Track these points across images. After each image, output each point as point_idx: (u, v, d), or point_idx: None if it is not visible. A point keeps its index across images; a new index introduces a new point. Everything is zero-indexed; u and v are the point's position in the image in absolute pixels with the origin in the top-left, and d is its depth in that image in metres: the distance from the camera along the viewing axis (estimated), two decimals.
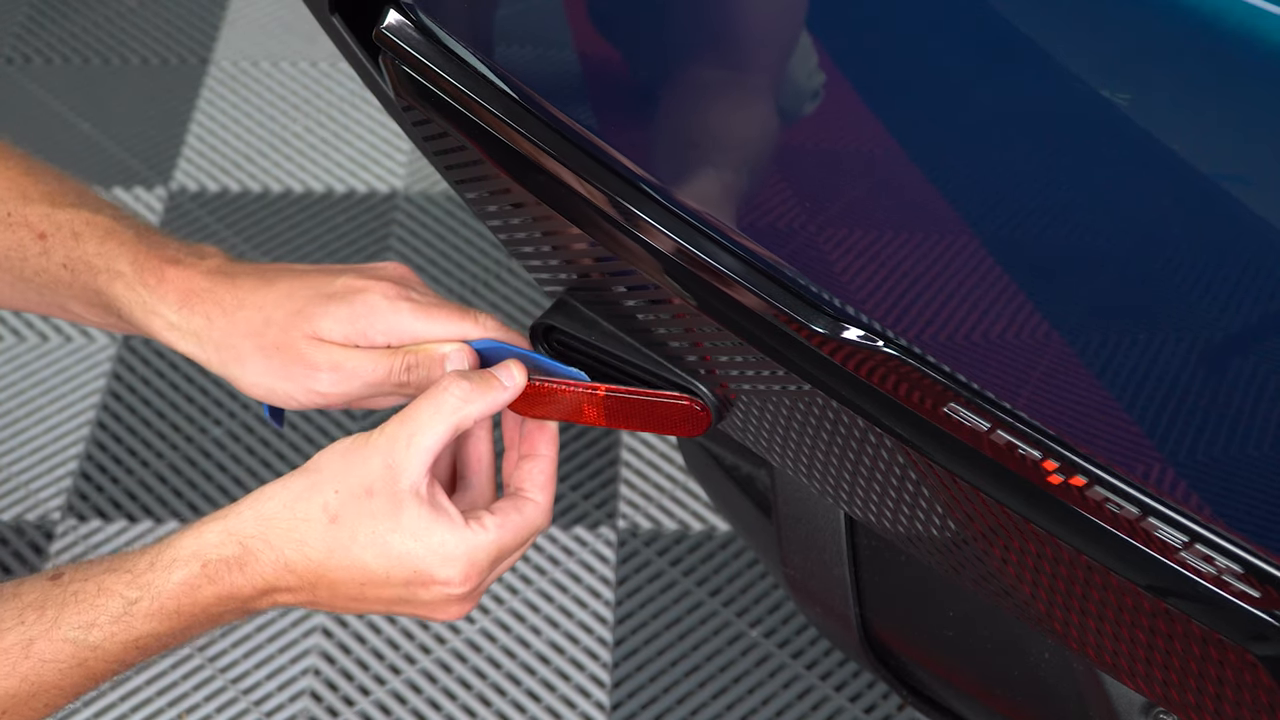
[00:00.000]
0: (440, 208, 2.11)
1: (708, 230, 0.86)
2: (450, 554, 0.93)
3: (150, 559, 0.93)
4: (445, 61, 0.92)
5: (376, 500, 0.92)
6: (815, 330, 0.84)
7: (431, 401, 0.93)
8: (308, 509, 0.92)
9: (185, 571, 0.93)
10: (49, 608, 0.93)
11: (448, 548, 0.93)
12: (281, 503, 0.93)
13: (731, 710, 1.59)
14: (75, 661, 0.93)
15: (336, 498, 0.92)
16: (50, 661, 0.92)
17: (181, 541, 0.93)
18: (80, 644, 0.92)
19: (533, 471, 0.98)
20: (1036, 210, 0.76)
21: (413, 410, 0.93)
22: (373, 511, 0.92)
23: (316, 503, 0.92)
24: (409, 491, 0.92)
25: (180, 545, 0.93)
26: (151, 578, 0.93)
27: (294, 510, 0.92)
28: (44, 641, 0.92)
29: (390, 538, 0.92)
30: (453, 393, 0.93)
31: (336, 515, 0.92)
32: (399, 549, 0.92)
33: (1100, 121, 0.72)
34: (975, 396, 0.80)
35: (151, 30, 2.38)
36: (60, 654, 0.92)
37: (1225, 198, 0.71)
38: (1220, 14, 0.69)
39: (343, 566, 0.93)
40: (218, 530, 0.93)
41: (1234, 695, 0.82)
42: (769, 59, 0.83)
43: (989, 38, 0.75)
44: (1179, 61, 0.71)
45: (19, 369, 1.92)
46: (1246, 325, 0.72)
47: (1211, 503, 0.76)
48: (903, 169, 0.79)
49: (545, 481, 0.98)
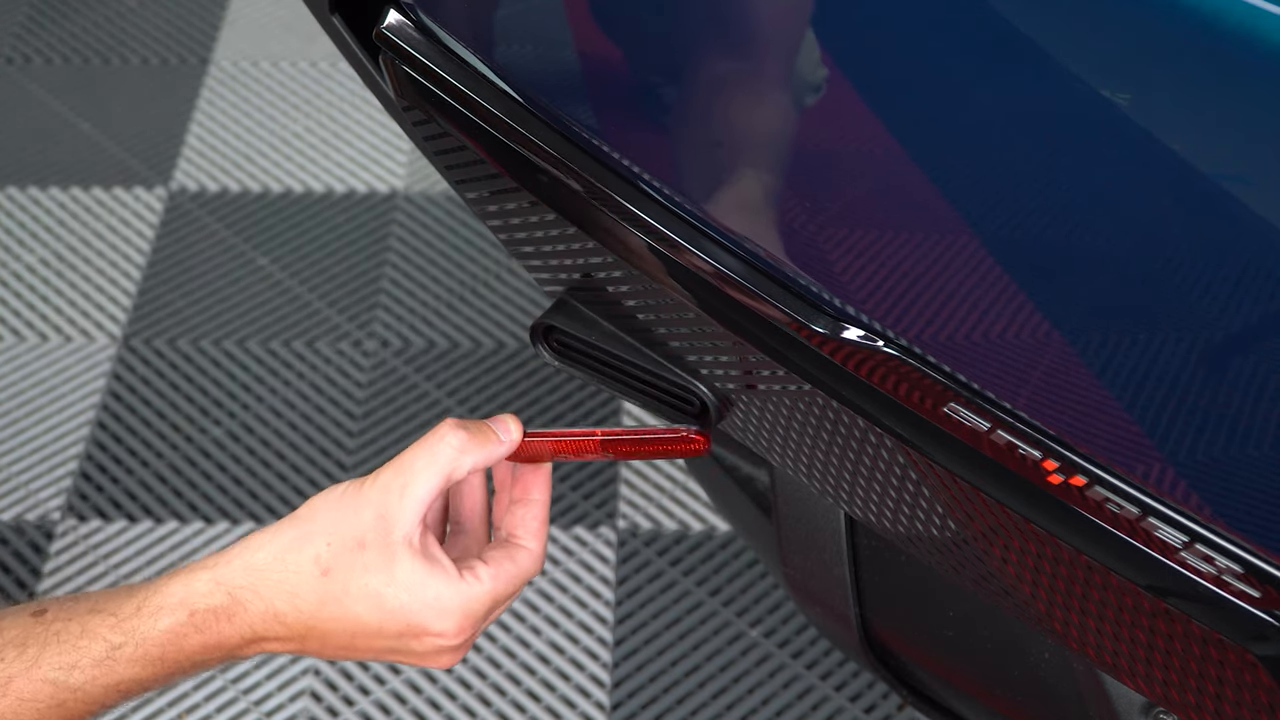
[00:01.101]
0: (440, 208, 2.11)
1: (708, 230, 0.86)
2: (445, 607, 0.91)
3: (137, 603, 0.92)
4: (445, 61, 0.92)
5: (369, 553, 0.90)
6: (815, 330, 0.84)
7: (427, 451, 0.92)
8: (299, 560, 0.91)
9: (172, 619, 0.91)
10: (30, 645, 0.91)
11: (442, 601, 0.91)
12: (271, 553, 0.91)
13: (731, 710, 1.59)
14: (54, 702, 0.92)
15: (329, 550, 0.91)
16: (29, 701, 0.91)
17: (169, 588, 0.92)
18: (60, 685, 0.91)
19: (525, 517, 0.97)
20: (1037, 210, 0.76)
21: (407, 459, 0.92)
22: (365, 564, 0.90)
23: (308, 554, 0.91)
24: (402, 543, 0.91)
25: (168, 592, 0.91)
26: (137, 623, 0.91)
27: (285, 561, 0.91)
28: (23, 680, 0.91)
29: (384, 591, 0.91)
30: (449, 443, 0.92)
31: (328, 568, 0.91)
32: (392, 603, 0.91)
33: (1100, 121, 0.72)
34: (975, 396, 0.81)
35: (151, 30, 2.38)
36: (39, 694, 0.91)
37: (1225, 198, 0.71)
38: (1220, 14, 0.69)
39: (334, 618, 0.92)
40: (206, 579, 0.91)
41: (1234, 695, 0.82)
42: (770, 59, 0.83)
43: (988, 37, 0.75)
44: (1179, 61, 0.71)
45: (19, 369, 1.92)
46: (1246, 325, 0.72)
47: (1211, 503, 0.76)
48: (903, 169, 0.79)
49: (538, 528, 0.97)
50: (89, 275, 2.03)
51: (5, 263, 2.05)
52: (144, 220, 2.10)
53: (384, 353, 1.93)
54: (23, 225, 2.10)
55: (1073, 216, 0.75)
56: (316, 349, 1.94)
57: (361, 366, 1.91)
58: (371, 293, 2.00)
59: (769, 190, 0.85)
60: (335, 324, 1.96)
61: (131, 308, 1.98)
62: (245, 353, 1.93)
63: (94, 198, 2.13)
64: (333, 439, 1.83)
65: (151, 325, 1.96)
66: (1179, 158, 0.71)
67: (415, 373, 1.90)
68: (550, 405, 1.86)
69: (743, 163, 0.85)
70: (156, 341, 1.94)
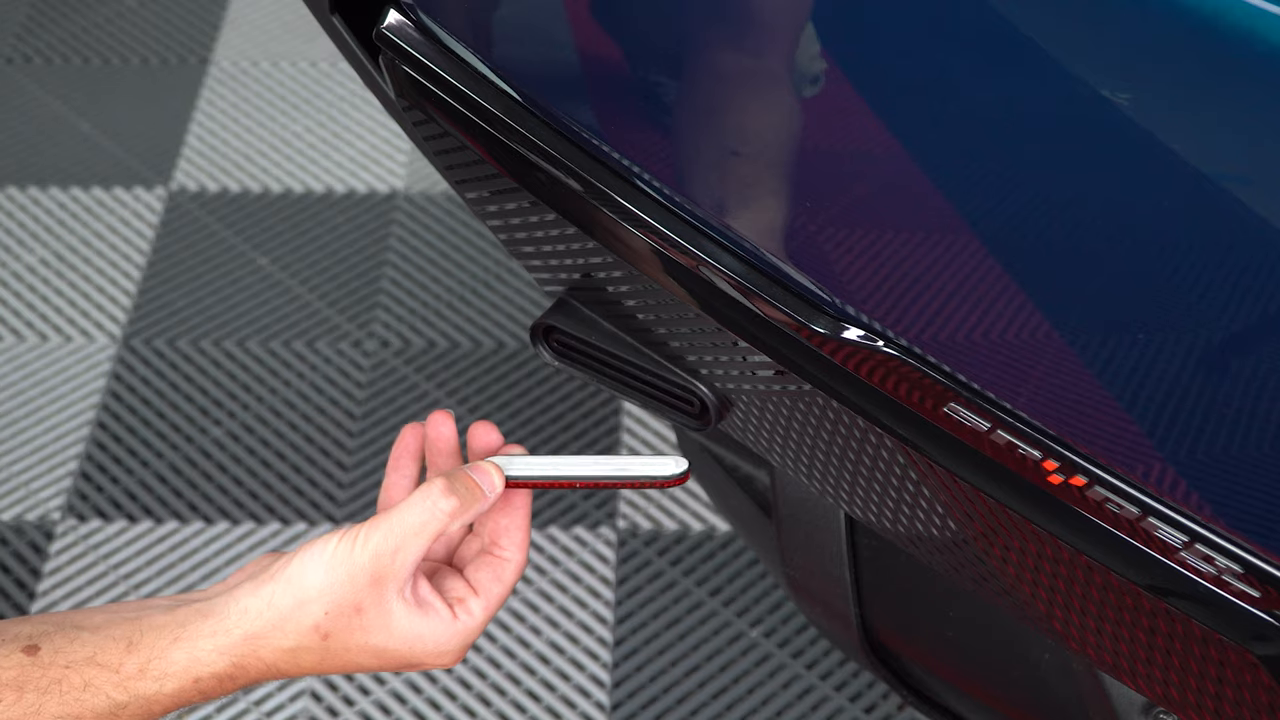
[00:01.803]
0: (440, 208, 2.11)
1: (708, 230, 0.86)
2: (442, 647, 0.96)
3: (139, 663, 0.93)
4: (445, 61, 0.92)
5: (367, 616, 0.93)
6: (815, 330, 0.84)
7: (419, 518, 0.94)
8: (298, 628, 0.94)
9: (177, 684, 0.93)
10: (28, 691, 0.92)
11: (439, 642, 0.95)
12: (270, 621, 0.93)
13: (731, 710, 1.59)
14: None
15: (327, 618, 0.93)
16: None
17: (172, 655, 0.93)
18: None
19: (509, 527, 0.99)
20: (1037, 210, 0.76)
21: (398, 524, 0.94)
22: (364, 626, 0.94)
23: (307, 623, 0.93)
24: (396, 599, 0.94)
25: (172, 659, 0.93)
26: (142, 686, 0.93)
27: (284, 630, 0.93)
28: None
29: (386, 645, 0.94)
30: (440, 507, 0.94)
31: (328, 633, 0.94)
32: (392, 651, 0.95)
33: (1100, 121, 0.72)
34: (975, 396, 0.80)
35: (151, 30, 2.38)
36: None
37: (1225, 198, 0.71)
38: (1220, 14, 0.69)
39: (336, 668, 0.96)
40: (209, 649, 0.93)
41: (1234, 695, 0.82)
42: (769, 59, 0.83)
43: (988, 37, 0.75)
44: (1179, 61, 0.71)
45: (19, 369, 1.92)
46: (1246, 325, 0.72)
47: (1211, 503, 0.76)
48: (903, 168, 0.79)
49: (522, 538, 0.99)
50: (89, 275, 2.03)
51: (5, 263, 2.05)
52: (144, 220, 2.10)
53: (384, 353, 1.93)
54: (23, 225, 2.10)
55: (1073, 216, 0.75)
56: (316, 349, 1.94)
57: (361, 366, 1.91)
58: (371, 293, 2.00)
59: (769, 190, 0.85)
60: (335, 324, 1.96)
61: (131, 308, 1.98)
62: (245, 353, 1.93)
63: (94, 198, 2.13)
64: (333, 439, 1.83)
65: (151, 325, 1.96)
66: (1179, 158, 0.71)
67: (415, 373, 1.90)
68: (550, 405, 1.86)
69: (743, 162, 0.85)
70: (156, 341, 1.94)
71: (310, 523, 1.75)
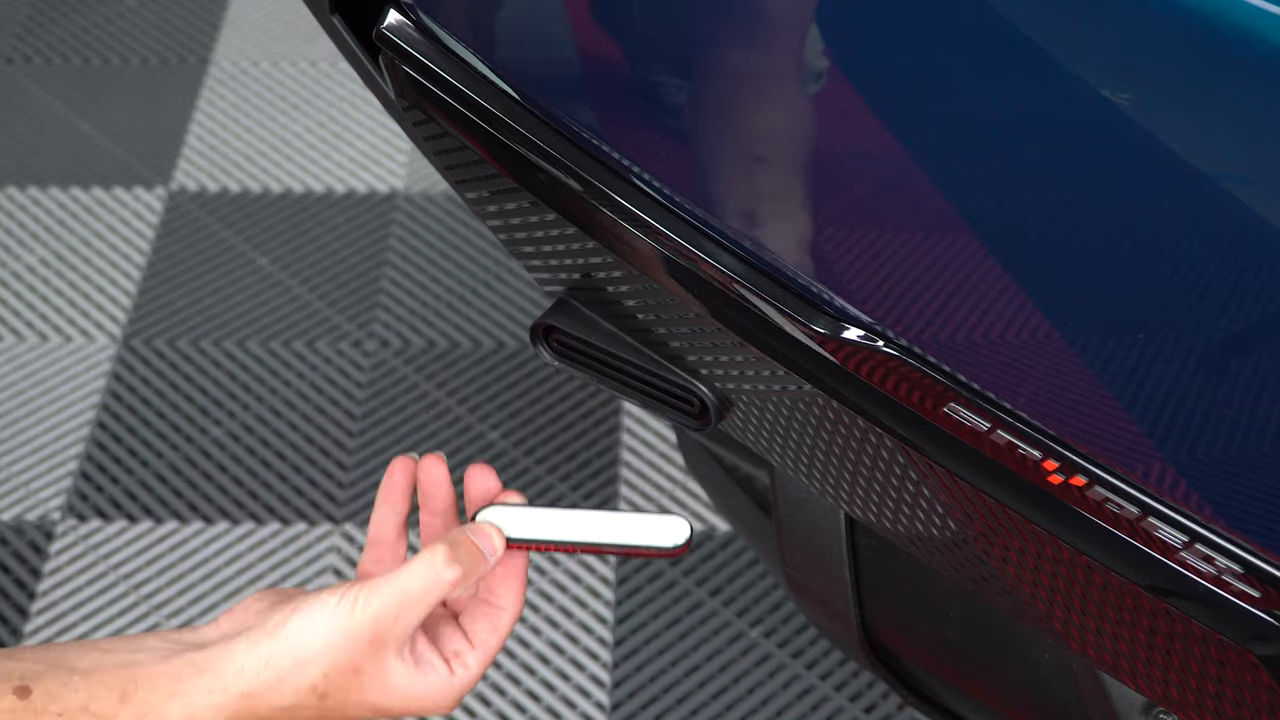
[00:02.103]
0: (440, 208, 2.11)
1: (708, 229, 0.86)
2: (439, 700, 0.96)
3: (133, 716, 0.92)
4: (445, 61, 0.92)
5: (365, 676, 0.94)
6: (815, 330, 0.84)
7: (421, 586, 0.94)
8: (296, 689, 0.93)
9: None
10: None
11: (436, 698, 0.96)
12: (266, 683, 0.93)
13: (731, 710, 1.59)
14: None
15: (325, 679, 0.93)
16: None
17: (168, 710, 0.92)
18: None
19: (506, 577, 0.99)
20: (1037, 210, 0.76)
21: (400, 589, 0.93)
22: (362, 686, 0.94)
23: (304, 684, 0.93)
24: (394, 658, 0.94)
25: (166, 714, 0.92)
26: None
27: (281, 689, 0.93)
28: None
29: (382, 702, 0.95)
30: (444, 576, 0.94)
31: (325, 694, 0.94)
32: (388, 707, 0.95)
33: (1100, 121, 0.72)
34: (975, 396, 0.80)
35: (151, 30, 2.38)
36: None
37: (1225, 198, 0.71)
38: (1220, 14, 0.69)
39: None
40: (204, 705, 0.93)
41: (1234, 695, 0.82)
42: (770, 59, 0.83)
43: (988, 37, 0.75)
44: (1179, 61, 0.71)
45: (19, 369, 1.92)
46: (1246, 325, 0.72)
47: (1211, 503, 0.76)
48: (903, 169, 0.79)
49: (518, 588, 0.99)
50: (89, 275, 2.03)
51: (5, 263, 2.05)
52: (144, 220, 2.10)
53: (384, 353, 1.93)
54: (23, 225, 2.10)
55: (1073, 216, 0.75)
56: (316, 349, 1.94)
57: (361, 366, 1.91)
58: (371, 293, 2.00)
59: (769, 190, 0.85)
60: (335, 324, 1.96)
61: (131, 308, 1.98)
62: (245, 353, 1.93)
63: (94, 198, 2.13)
64: (333, 439, 1.83)
65: (151, 325, 1.96)
66: (1179, 158, 0.71)
67: (415, 373, 1.90)
68: (550, 405, 1.86)
69: (744, 162, 0.85)
70: (156, 341, 1.94)
71: (310, 523, 1.75)
